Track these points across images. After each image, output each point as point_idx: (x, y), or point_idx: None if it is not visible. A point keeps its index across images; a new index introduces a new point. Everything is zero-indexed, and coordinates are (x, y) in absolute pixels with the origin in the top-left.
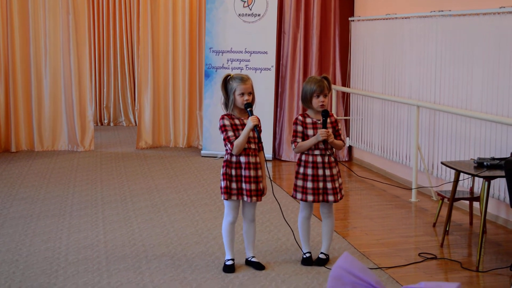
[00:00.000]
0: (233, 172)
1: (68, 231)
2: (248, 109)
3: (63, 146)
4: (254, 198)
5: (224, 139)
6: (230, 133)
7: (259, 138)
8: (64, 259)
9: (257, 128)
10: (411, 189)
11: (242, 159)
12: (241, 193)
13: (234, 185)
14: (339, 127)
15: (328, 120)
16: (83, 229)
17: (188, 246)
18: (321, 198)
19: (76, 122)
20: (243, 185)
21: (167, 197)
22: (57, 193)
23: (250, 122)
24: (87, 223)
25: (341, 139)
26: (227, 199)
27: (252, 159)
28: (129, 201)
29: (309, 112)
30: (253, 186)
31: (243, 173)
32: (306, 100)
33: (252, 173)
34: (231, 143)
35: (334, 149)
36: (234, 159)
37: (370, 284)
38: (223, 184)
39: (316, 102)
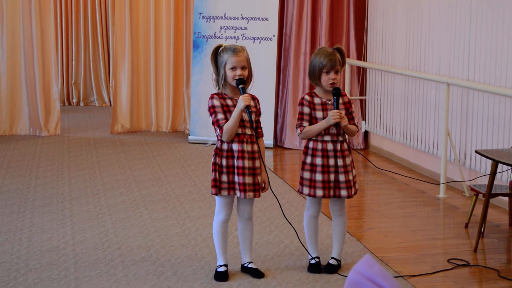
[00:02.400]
0: (224, 162)
1: (29, 231)
2: (239, 86)
3: (23, 130)
4: (249, 194)
5: (213, 123)
6: (220, 116)
7: (251, 121)
8: (24, 265)
9: (248, 109)
10: (439, 183)
11: (235, 146)
12: (233, 188)
13: (225, 178)
14: (353, 109)
15: (341, 100)
16: (47, 228)
17: (173, 250)
18: (332, 193)
19: (39, 102)
20: (236, 178)
21: (148, 191)
22: (15, 186)
23: (241, 102)
24: (52, 221)
25: (354, 124)
26: (216, 194)
27: (247, 147)
28: (102, 195)
29: (317, 90)
30: (248, 179)
31: (235, 164)
32: (314, 76)
33: (247, 163)
34: (221, 128)
35: (346, 135)
36: (225, 146)
37: None
38: (212, 176)
39: (325, 79)
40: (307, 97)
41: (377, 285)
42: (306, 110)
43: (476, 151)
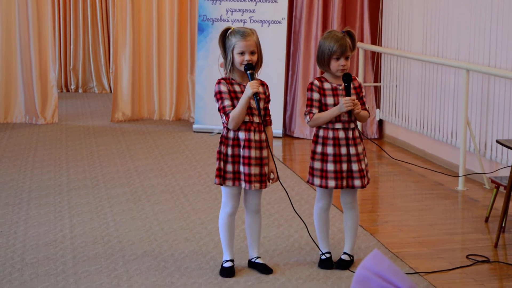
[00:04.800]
0: (229, 151)
1: (25, 224)
2: (248, 72)
3: (18, 117)
4: (256, 185)
5: (219, 109)
6: (227, 102)
7: (259, 109)
8: (20, 259)
9: (256, 97)
10: (458, 176)
11: (241, 135)
12: (238, 178)
13: (229, 167)
14: (364, 94)
15: (351, 86)
16: (44, 221)
17: (176, 244)
18: (345, 183)
19: (36, 88)
20: (241, 168)
21: (150, 183)
22: (11, 177)
23: (248, 89)
24: (49, 214)
25: (365, 109)
26: (220, 184)
27: (254, 136)
28: (102, 187)
29: (326, 75)
30: (254, 170)
31: (241, 153)
32: (323, 62)
33: (254, 153)
34: (227, 115)
35: (357, 122)
36: (231, 134)
37: None
38: (217, 165)
39: (335, 65)
40: (316, 82)
41: (388, 282)
42: (316, 96)
43: (497, 141)
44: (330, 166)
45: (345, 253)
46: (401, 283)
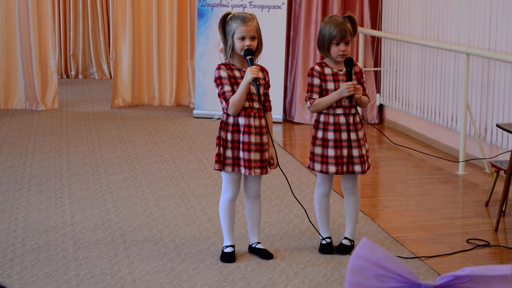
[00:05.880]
0: (229, 136)
1: (26, 211)
2: (248, 58)
3: (18, 104)
4: (256, 171)
5: (219, 95)
6: (227, 88)
7: (259, 94)
8: (20, 245)
9: (256, 82)
10: (458, 161)
11: (241, 120)
12: (237, 164)
13: (229, 153)
14: (364, 79)
15: (352, 71)
16: (45, 207)
17: (177, 230)
18: (345, 169)
19: (35, 74)
20: (240, 154)
21: (150, 168)
22: (11, 163)
23: (248, 74)
24: (50, 200)
25: (366, 94)
26: (220, 170)
27: (254, 122)
28: (103, 173)
29: (327, 60)
30: (254, 156)
31: (241, 139)
32: (323, 46)
33: (254, 139)
34: (227, 100)
35: (358, 107)
36: (231, 120)
37: (401, 275)
38: (216, 150)
39: (335, 50)
40: (317, 67)
41: (385, 269)
42: (316, 81)
43: (497, 125)
44: (331, 152)
45: (345, 238)
46: (398, 268)
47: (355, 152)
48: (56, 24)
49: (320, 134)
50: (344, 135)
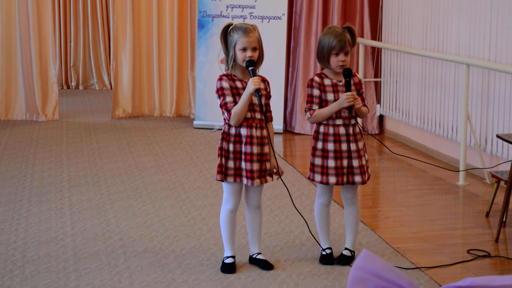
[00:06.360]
0: (231, 147)
1: (26, 221)
2: (249, 69)
3: (19, 115)
4: (257, 181)
5: (221, 106)
6: (229, 99)
7: (261, 105)
8: (21, 256)
9: (258, 93)
10: (459, 171)
11: (243, 131)
12: (239, 174)
13: (231, 164)
14: (363, 90)
15: (351, 82)
16: (45, 218)
17: (177, 240)
18: (345, 179)
19: (36, 85)
20: (242, 164)
21: (151, 179)
22: (12, 174)
23: (250, 85)
24: (50, 211)
25: (365, 105)
26: (222, 180)
27: (256, 132)
28: (103, 183)
29: (326, 71)
30: (255, 166)
31: (243, 149)
32: (323, 57)
33: (256, 149)
34: (229, 111)
35: (357, 118)
36: (233, 131)
37: (402, 286)
38: (218, 161)
39: (334, 61)
40: (316, 78)
41: (386, 280)
42: (316, 92)
43: (497, 136)
44: (331, 163)
45: (346, 248)
46: (399, 279)
47: (355, 163)
48: (56, 35)
49: (320, 145)
50: (344, 146)
